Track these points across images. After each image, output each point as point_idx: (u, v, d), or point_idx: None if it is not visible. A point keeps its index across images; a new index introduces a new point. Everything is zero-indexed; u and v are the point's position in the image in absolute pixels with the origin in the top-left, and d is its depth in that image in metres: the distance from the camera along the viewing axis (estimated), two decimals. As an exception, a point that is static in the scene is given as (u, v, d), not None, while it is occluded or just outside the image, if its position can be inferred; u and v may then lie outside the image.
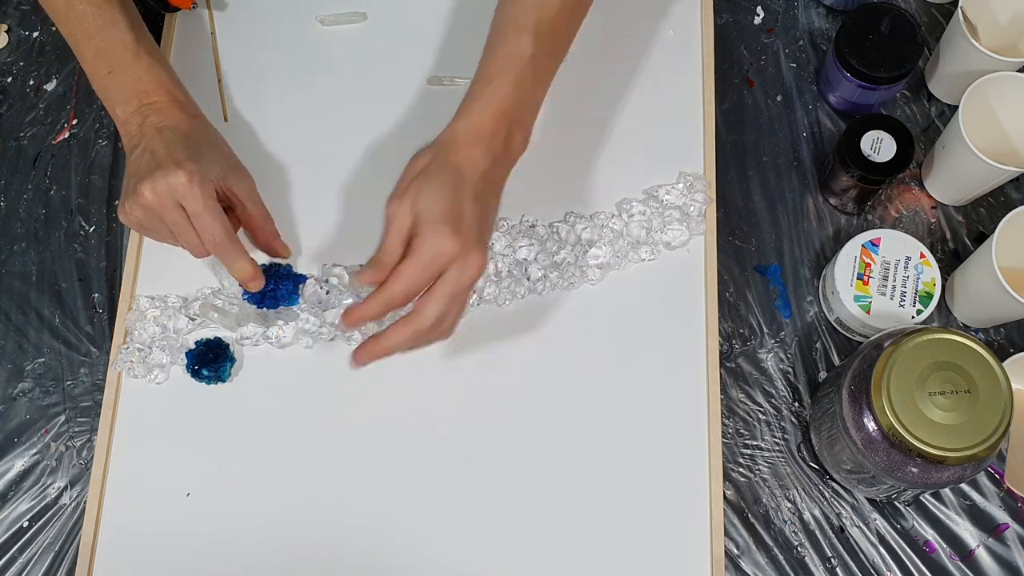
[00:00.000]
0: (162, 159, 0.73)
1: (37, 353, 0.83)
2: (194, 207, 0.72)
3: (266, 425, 0.79)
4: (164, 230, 0.75)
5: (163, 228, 0.74)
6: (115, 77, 0.77)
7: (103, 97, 0.78)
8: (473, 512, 0.77)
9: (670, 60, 0.88)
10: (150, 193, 0.72)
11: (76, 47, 0.78)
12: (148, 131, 0.75)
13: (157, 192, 0.71)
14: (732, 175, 0.86)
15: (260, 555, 0.76)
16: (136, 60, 0.77)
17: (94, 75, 0.77)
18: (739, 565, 0.76)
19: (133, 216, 0.74)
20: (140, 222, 0.75)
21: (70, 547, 0.78)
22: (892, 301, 0.77)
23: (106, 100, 0.78)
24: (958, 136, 0.76)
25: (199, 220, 0.73)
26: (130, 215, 0.74)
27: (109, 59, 0.77)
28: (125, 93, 0.77)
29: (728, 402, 0.80)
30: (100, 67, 0.77)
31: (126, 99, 0.76)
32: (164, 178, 0.71)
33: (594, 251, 0.82)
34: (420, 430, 0.79)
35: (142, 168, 0.73)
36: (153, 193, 0.72)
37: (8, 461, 0.80)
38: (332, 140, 0.86)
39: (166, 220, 0.73)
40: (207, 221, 0.73)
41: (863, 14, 0.81)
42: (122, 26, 0.77)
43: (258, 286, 0.77)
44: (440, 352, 0.80)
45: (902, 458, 0.66)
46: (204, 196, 0.72)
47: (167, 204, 0.72)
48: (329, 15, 0.90)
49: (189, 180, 0.71)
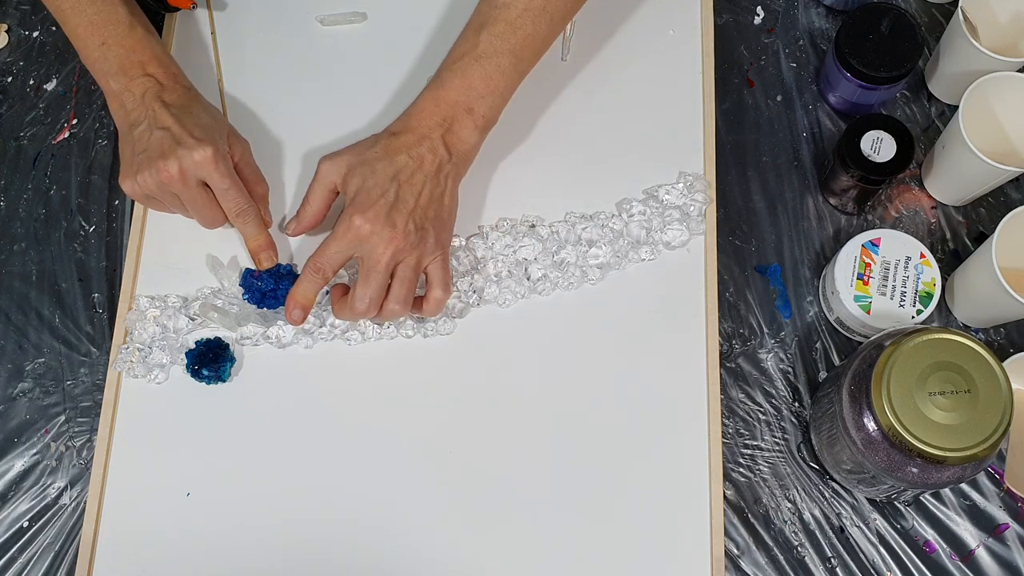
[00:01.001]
0: (179, 136, 0.74)
1: (37, 353, 0.83)
2: (220, 183, 0.76)
3: (266, 425, 0.79)
4: (176, 203, 0.77)
5: (175, 201, 0.77)
6: (108, 48, 0.77)
7: (95, 70, 0.78)
8: (473, 512, 0.77)
9: (670, 60, 0.88)
10: (176, 170, 0.74)
11: (66, 23, 0.78)
12: (152, 106, 0.76)
13: (183, 170, 0.74)
14: (732, 175, 0.86)
15: (260, 555, 0.76)
16: (131, 32, 0.77)
17: (86, 48, 0.77)
18: (739, 565, 0.76)
19: (146, 188, 0.75)
20: (150, 195, 0.76)
21: (70, 547, 0.78)
22: (892, 301, 0.77)
23: (98, 73, 0.78)
24: (958, 136, 0.76)
25: (226, 195, 0.76)
26: (143, 187, 0.75)
27: (102, 31, 0.77)
28: (120, 64, 0.77)
29: (728, 402, 0.80)
30: (93, 39, 0.77)
31: (121, 70, 0.77)
32: (190, 156, 0.74)
33: (594, 251, 0.82)
34: (420, 430, 0.79)
35: (154, 144, 0.74)
36: (179, 171, 0.74)
37: (8, 461, 0.80)
38: (332, 140, 0.86)
39: (185, 196, 0.76)
40: (233, 195, 0.76)
41: (863, 14, 0.81)
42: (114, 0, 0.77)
43: (271, 261, 0.79)
44: (440, 352, 0.80)
45: (902, 458, 0.66)
46: (229, 172, 0.76)
47: (190, 181, 0.75)
48: (329, 15, 0.90)
49: (214, 158, 0.74)
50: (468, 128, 0.75)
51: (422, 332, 0.80)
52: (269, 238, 0.79)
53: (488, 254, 0.82)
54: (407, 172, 0.74)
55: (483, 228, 0.83)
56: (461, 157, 0.76)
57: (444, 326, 0.80)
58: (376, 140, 0.76)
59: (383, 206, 0.73)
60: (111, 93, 0.77)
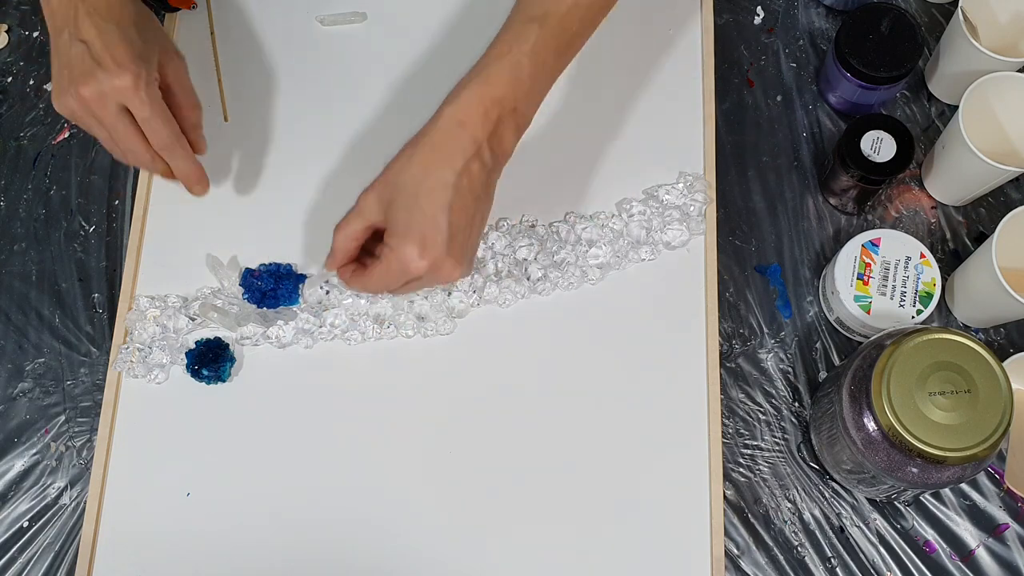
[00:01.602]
0: (99, 55, 0.68)
1: (37, 353, 0.83)
2: (142, 112, 0.69)
3: (266, 425, 0.79)
4: (101, 132, 0.71)
5: (100, 130, 0.71)
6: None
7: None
8: (473, 512, 0.77)
9: (670, 60, 0.88)
10: (90, 93, 0.67)
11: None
12: (78, 8, 0.69)
13: (101, 94, 0.67)
14: (732, 175, 0.86)
15: (260, 555, 0.76)
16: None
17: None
18: (739, 565, 0.76)
19: (68, 109, 0.69)
20: (75, 116, 0.70)
21: (70, 547, 0.78)
22: (892, 301, 0.77)
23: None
24: (958, 136, 0.76)
25: (148, 124, 0.69)
26: (65, 108, 0.69)
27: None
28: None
29: (728, 402, 0.80)
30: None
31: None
32: (109, 80, 0.67)
33: (594, 251, 0.82)
34: (420, 429, 0.79)
35: (75, 61, 0.68)
36: (95, 95, 0.67)
37: (8, 461, 0.80)
38: (332, 140, 0.86)
39: (106, 123, 0.69)
40: (156, 125, 0.70)
41: (863, 14, 0.81)
42: None
43: (203, 189, 0.74)
44: (441, 352, 0.80)
45: (902, 458, 0.66)
46: (152, 99, 0.69)
47: (109, 108, 0.68)
48: (329, 15, 0.90)
49: (135, 84, 0.67)
50: (511, 130, 0.68)
51: (422, 332, 0.80)
52: (199, 169, 0.73)
53: (487, 254, 0.82)
54: (459, 197, 0.65)
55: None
56: (501, 163, 0.69)
57: (444, 326, 0.80)
58: (412, 154, 0.67)
59: (441, 243, 0.65)
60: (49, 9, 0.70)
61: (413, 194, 0.65)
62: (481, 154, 0.66)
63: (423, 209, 0.65)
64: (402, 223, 0.66)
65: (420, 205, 0.65)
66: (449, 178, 0.65)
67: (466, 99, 0.66)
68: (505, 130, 0.68)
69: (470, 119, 0.66)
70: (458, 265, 0.67)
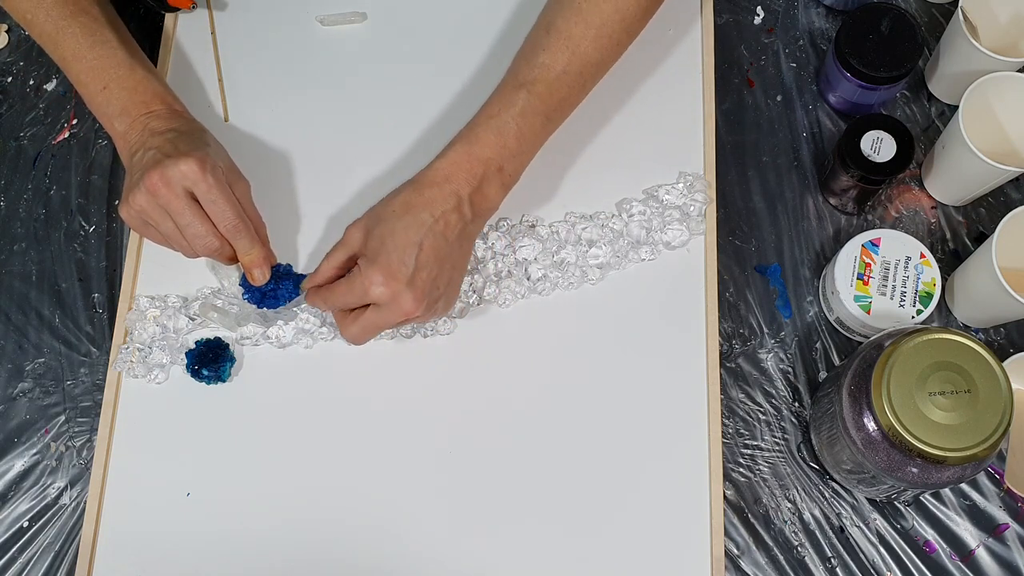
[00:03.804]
0: (169, 151, 0.72)
1: (37, 353, 0.83)
2: (207, 193, 0.72)
3: (266, 425, 0.79)
4: (167, 224, 0.73)
5: (166, 221, 0.73)
6: (111, 92, 0.76)
7: (99, 114, 0.77)
8: (473, 512, 0.77)
9: (670, 60, 0.88)
10: (159, 179, 0.70)
11: (68, 69, 0.77)
12: (149, 136, 0.74)
13: (167, 178, 0.70)
14: (732, 175, 0.86)
15: (260, 555, 0.76)
16: (131, 73, 0.77)
17: (89, 93, 0.77)
18: (739, 565, 0.76)
19: (136, 206, 0.72)
20: (143, 212, 0.72)
21: (70, 547, 0.78)
22: (892, 301, 0.77)
23: (102, 116, 0.77)
24: (958, 136, 0.76)
25: (213, 205, 0.72)
26: (133, 206, 0.72)
27: (103, 75, 0.76)
28: (122, 105, 0.76)
29: (728, 402, 0.80)
30: (94, 84, 0.76)
31: (123, 111, 0.76)
32: (175, 166, 0.70)
33: (594, 251, 0.82)
34: (420, 430, 0.79)
35: (147, 162, 0.72)
36: (163, 180, 0.70)
37: (8, 461, 0.80)
38: (332, 140, 0.86)
39: (172, 209, 0.72)
40: (221, 206, 0.72)
41: (863, 14, 0.81)
42: (113, 44, 0.77)
43: (264, 276, 0.77)
44: (440, 352, 0.80)
45: (902, 458, 0.66)
46: (217, 181, 0.72)
47: (176, 191, 0.71)
48: (329, 15, 0.90)
49: (200, 167, 0.71)
50: (495, 187, 0.73)
51: (422, 332, 0.80)
52: (262, 252, 0.76)
53: (488, 254, 0.82)
54: (431, 237, 0.71)
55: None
56: (483, 216, 0.75)
57: (444, 326, 0.80)
58: (397, 193, 0.73)
59: (403, 275, 0.70)
60: (116, 135, 0.76)
61: (391, 228, 0.71)
62: (461, 207, 0.72)
63: (396, 241, 0.70)
64: (374, 249, 0.71)
65: (395, 237, 0.71)
66: (426, 220, 0.71)
67: (453, 156, 0.73)
68: (489, 187, 0.73)
69: (455, 175, 0.72)
70: (417, 301, 0.71)
